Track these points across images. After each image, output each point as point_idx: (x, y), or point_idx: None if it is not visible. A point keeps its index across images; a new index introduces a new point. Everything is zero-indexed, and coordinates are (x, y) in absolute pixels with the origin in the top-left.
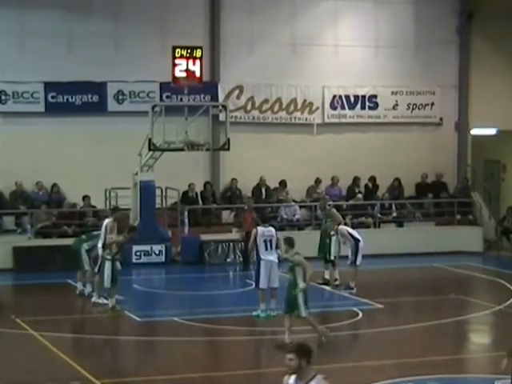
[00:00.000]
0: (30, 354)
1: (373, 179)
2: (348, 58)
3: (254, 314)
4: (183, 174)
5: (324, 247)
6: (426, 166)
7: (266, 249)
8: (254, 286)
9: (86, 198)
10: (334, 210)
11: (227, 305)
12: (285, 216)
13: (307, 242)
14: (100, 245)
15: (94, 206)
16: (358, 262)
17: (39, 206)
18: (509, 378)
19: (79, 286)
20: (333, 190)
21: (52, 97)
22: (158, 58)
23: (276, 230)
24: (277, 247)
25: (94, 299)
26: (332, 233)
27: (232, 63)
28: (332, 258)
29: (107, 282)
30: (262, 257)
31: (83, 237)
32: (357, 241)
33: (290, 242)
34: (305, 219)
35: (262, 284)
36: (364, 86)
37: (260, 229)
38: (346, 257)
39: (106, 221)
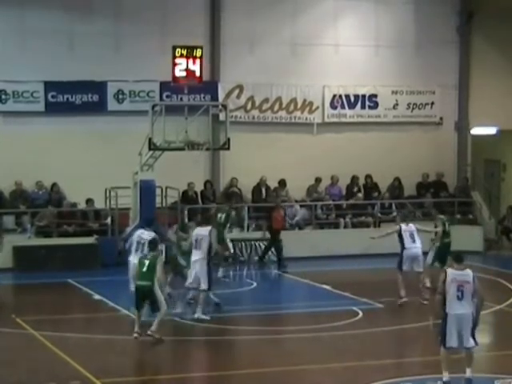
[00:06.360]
0: (30, 354)
1: (369, 177)
2: (348, 58)
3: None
4: (183, 174)
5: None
6: (426, 166)
7: None
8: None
9: (89, 201)
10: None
11: (227, 304)
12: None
13: (307, 241)
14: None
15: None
16: None
17: (39, 205)
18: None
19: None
20: (333, 190)
21: (52, 96)
22: (158, 58)
23: None
24: None
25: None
26: None
27: (232, 63)
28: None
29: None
30: None
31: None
32: None
33: None
34: (305, 219)
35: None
36: (364, 86)
37: None
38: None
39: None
